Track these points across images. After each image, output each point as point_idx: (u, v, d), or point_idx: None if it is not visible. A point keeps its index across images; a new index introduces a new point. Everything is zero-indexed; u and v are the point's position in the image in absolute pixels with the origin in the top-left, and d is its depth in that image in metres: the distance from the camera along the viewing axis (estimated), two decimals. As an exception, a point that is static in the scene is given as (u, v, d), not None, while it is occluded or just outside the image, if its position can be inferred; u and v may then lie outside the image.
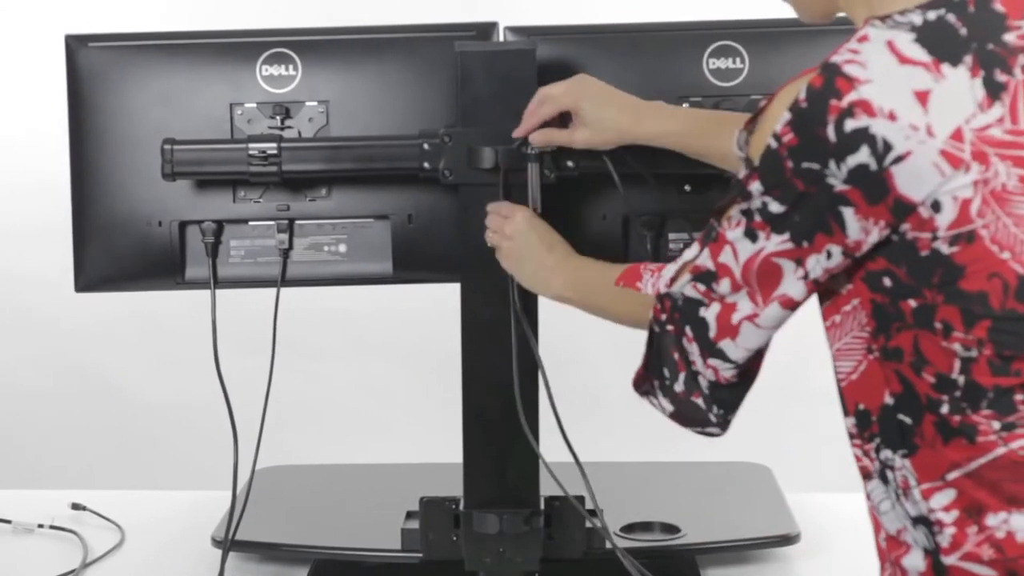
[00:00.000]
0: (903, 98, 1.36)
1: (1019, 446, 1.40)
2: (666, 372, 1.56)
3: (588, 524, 1.98)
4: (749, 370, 1.53)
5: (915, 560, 1.45)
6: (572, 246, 1.89)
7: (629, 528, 2.15)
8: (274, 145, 1.94)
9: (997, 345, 1.40)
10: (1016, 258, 1.39)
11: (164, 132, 1.98)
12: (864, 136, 1.36)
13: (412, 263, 2.03)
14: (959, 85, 1.37)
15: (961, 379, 1.40)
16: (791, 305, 1.47)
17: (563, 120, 1.88)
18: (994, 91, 1.38)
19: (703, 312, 1.50)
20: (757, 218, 1.43)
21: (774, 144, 1.41)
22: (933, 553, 1.43)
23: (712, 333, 1.50)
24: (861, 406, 1.47)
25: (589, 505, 1.98)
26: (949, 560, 1.42)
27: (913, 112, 1.36)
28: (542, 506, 1.98)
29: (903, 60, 1.38)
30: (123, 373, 4.05)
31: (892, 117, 1.35)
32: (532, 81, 1.91)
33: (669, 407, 1.59)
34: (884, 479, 1.47)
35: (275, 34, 2.02)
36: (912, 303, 1.41)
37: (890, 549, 1.49)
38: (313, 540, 2.15)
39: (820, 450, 2.96)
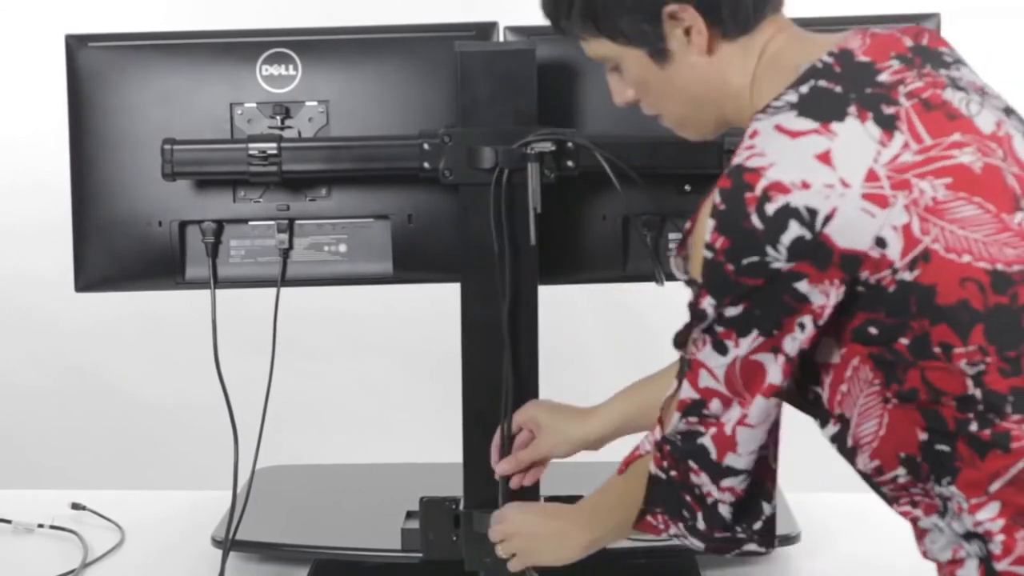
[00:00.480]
0: (808, 166, 1.40)
1: None
2: (686, 514, 1.58)
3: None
4: (758, 480, 1.54)
5: (969, 571, 1.46)
6: (572, 246, 1.89)
7: (629, 528, 2.15)
8: (274, 145, 1.94)
9: (998, 346, 1.40)
10: (977, 256, 1.41)
11: (164, 132, 1.98)
12: (788, 212, 1.39)
13: (412, 263, 2.03)
14: (853, 134, 1.42)
15: (978, 392, 1.41)
16: (773, 392, 1.48)
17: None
18: (887, 124, 1.43)
19: (701, 440, 1.52)
20: (719, 329, 1.46)
21: (709, 254, 1.44)
22: (986, 561, 1.44)
23: (714, 455, 1.51)
24: (903, 454, 1.48)
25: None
26: (1001, 566, 1.43)
27: (822, 174, 1.40)
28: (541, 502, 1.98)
29: (794, 135, 1.42)
30: (123, 373, 4.05)
31: (805, 185, 1.39)
32: (532, 81, 1.91)
33: (700, 545, 1.61)
34: (944, 511, 1.48)
35: (275, 34, 2.02)
36: (905, 340, 1.42)
37: (950, 570, 1.49)
38: (313, 540, 2.15)
39: (820, 450, 2.96)
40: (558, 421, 1.92)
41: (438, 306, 2.53)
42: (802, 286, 1.41)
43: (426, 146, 1.93)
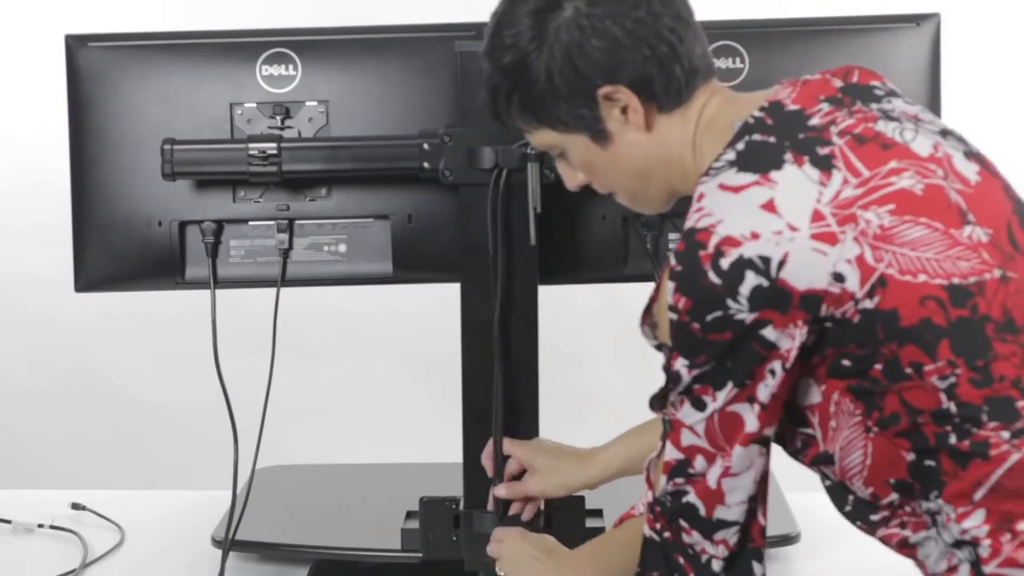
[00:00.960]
0: (754, 216, 1.44)
1: None
2: None
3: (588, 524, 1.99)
4: (748, 536, 1.55)
5: (963, 575, 1.49)
6: (572, 246, 1.89)
7: (629, 528, 2.15)
8: (274, 145, 1.94)
9: (966, 358, 1.43)
10: (932, 274, 1.44)
11: (164, 132, 1.98)
12: (742, 264, 1.43)
13: (412, 263, 2.03)
14: (792, 179, 1.45)
15: (952, 406, 1.44)
16: (750, 440, 1.49)
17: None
18: (824, 165, 1.46)
19: (687, 499, 1.53)
20: (695, 387, 1.48)
21: (674, 316, 1.47)
22: (975, 564, 1.46)
23: (703, 511, 1.52)
24: (893, 480, 1.50)
25: (589, 505, 1.99)
26: (989, 568, 1.45)
27: (769, 222, 1.43)
28: (542, 506, 1.98)
29: (737, 189, 1.46)
30: (123, 373, 4.05)
31: (755, 236, 1.43)
32: (532, 81, 1.91)
33: None
34: (934, 524, 1.50)
35: (275, 34, 2.02)
36: (878, 366, 1.45)
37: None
38: (313, 540, 2.15)
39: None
40: (556, 464, 1.93)
41: (438, 306, 2.53)
42: (768, 333, 1.44)
43: (426, 146, 1.93)
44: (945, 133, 1.55)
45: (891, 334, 1.43)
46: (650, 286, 1.98)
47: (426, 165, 1.94)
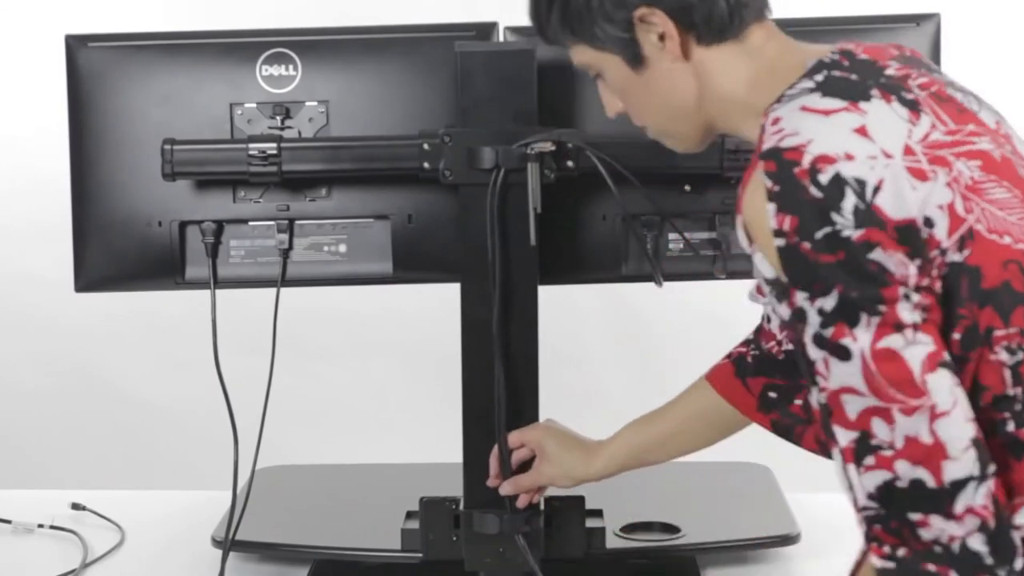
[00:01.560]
0: (848, 139, 1.38)
1: None
2: None
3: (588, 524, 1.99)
4: (992, 493, 1.34)
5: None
6: (572, 246, 1.89)
7: (629, 528, 2.15)
8: (274, 145, 1.94)
9: None
10: (1016, 238, 1.40)
11: (164, 132, 1.98)
12: (840, 182, 1.36)
13: (412, 263, 2.03)
14: (883, 112, 1.41)
15: (1017, 390, 1.39)
16: (937, 362, 1.35)
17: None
18: (912, 106, 1.42)
19: (900, 484, 1.34)
20: (829, 331, 1.35)
21: (781, 241, 1.37)
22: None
23: (931, 480, 1.33)
24: None
25: (589, 505, 1.99)
26: None
27: (863, 146, 1.37)
28: (542, 506, 1.98)
29: (826, 112, 1.40)
30: (123, 373, 4.05)
31: (849, 157, 1.36)
32: (532, 81, 1.92)
33: None
34: None
35: (275, 34, 2.02)
36: (956, 335, 1.38)
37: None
38: (313, 540, 2.15)
39: (820, 450, 2.97)
40: (563, 453, 1.92)
41: (438, 306, 2.53)
42: (877, 255, 1.34)
43: (426, 146, 1.93)
44: (1001, 117, 1.52)
45: (974, 294, 1.37)
46: (651, 286, 1.99)
47: (426, 165, 1.94)
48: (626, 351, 3.80)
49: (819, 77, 1.45)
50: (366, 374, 4.06)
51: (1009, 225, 1.39)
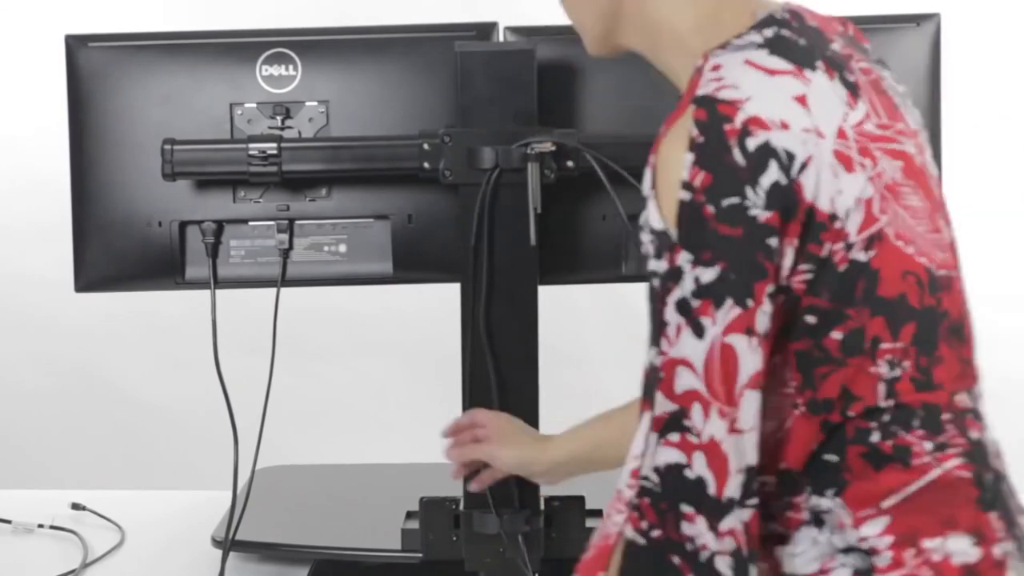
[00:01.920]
0: (786, 105, 1.31)
1: (953, 466, 1.36)
2: None
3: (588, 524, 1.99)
4: (750, 528, 1.32)
5: None
6: (572, 246, 1.89)
7: (629, 528, 2.15)
8: (274, 145, 1.94)
9: (918, 349, 1.35)
10: (919, 251, 1.36)
11: (164, 132, 1.98)
12: (768, 151, 1.29)
13: (412, 263, 2.03)
14: (825, 87, 1.34)
15: (890, 403, 1.35)
16: (759, 382, 1.31)
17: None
18: (852, 89, 1.37)
19: (688, 472, 1.30)
20: (695, 303, 1.29)
21: (687, 195, 1.30)
22: (866, 573, 1.35)
23: (712, 487, 1.30)
24: (784, 465, 1.37)
25: (589, 505, 1.99)
26: None
27: (800, 117, 1.31)
28: (542, 506, 1.98)
29: (770, 71, 1.33)
30: (123, 373, 4.05)
31: (784, 126, 1.30)
32: (532, 81, 1.92)
33: None
34: (819, 524, 1.37)
35: (275, 34, 2.02)
36: (837, 335, 1.33)
37: None
38: (313, 540, 2.15)
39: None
40: (516, 437, 1.89)
41: (438, 306, 2.53)
42: (773, 243, 1.29)
43: (426, 146, 1.93)
44: (920, 126, 1.47)
45: (867, 298, 1.32)
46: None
47: (426, 165, 1.94)
48: (626, 351, 3.80)
49: (768, 33, 1.37)
50: (366, 374, 4.06)
51: (916, 235, 1.35)
